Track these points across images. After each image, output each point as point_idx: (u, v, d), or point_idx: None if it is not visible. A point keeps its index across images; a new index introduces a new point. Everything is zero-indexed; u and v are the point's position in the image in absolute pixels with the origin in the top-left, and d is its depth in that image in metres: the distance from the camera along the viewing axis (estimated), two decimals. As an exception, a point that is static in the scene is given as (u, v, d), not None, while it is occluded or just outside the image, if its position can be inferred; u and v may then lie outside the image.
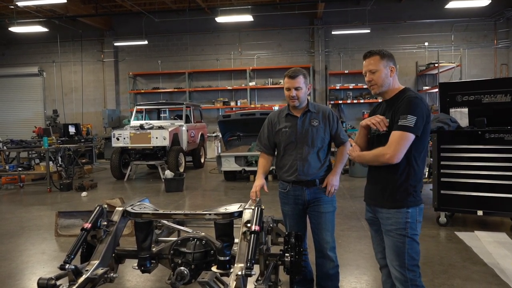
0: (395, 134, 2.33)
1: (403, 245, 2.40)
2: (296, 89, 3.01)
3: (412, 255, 2.42)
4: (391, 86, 2.50)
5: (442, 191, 5.33)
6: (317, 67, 14.91)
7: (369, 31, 13.54)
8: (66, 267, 2.51)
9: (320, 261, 3.14)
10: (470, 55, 14.13)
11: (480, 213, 5.20)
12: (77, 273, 2.55)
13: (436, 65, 12.77)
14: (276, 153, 3.29)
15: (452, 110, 5.73)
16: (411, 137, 2.31)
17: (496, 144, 5.03)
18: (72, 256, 2.61)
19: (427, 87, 14.19)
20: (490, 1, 11.50)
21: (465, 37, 14.29)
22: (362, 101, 14.50)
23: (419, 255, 2.46)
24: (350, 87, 14.59)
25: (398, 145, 2.31)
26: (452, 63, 13.15)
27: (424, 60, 14.27)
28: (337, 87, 14.82)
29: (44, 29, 13.58)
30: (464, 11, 13.48)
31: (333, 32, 14.18)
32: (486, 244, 4.70)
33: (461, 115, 5.63)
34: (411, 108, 2.33)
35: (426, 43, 14.28)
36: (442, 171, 5.32)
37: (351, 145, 2.70)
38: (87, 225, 2.80)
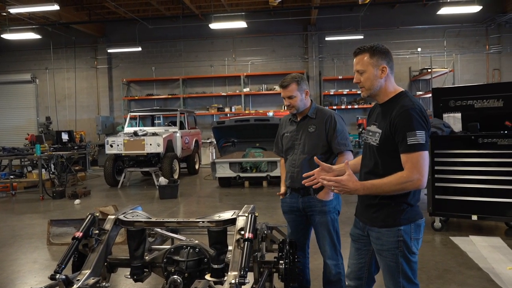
0: (413, 156, 2.01)
1: (396, 265, 2.16)
2: (290, 97, 3.00)
3: (408, 275, 2.16)
4: (383, 88, 2.18)
5: (436, 196, 5.34)
6: (311, 73, 14.95)
7: (362, 37, 13.61)
8: (57, 277, 2.45)
9: (324, 267, 3.19)
10: (462, 61, 14.26)
11: (474, 217, 5.20)
12: (68, 283, 2.50)
13: (429, 70, 12.88)
14: None
15: (445, 115, 5.75)
16: (427, 154, 2.05)
17: (489, 148, 5.06)
18: (63, 266, 2.56)
19: (420, 92, 14.28)
20: (482, 7, 11.62)
21: (458, 42, 14.42)
22: (356, 106, 14.55)
23: (416, 273, 2.21)
24: (344, 92, 14.64)
25: (422, 167, 2.01)
26: (445, 68, 13.28)
27: (417, 66, 14.38)
28: (331, 93, 14.88)
29: (37, 36, 13.52)
30: (456, 17, 13.60)
31: (326, 38, 14.26)
32: (481, 248, 4.70)
33: (454, 120, 5.65)
34: (415, 122, 2.04)
35: (419, 49, 14.41)
36: (436, 176, 5.33)
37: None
38: (78, 234, 2.75)
